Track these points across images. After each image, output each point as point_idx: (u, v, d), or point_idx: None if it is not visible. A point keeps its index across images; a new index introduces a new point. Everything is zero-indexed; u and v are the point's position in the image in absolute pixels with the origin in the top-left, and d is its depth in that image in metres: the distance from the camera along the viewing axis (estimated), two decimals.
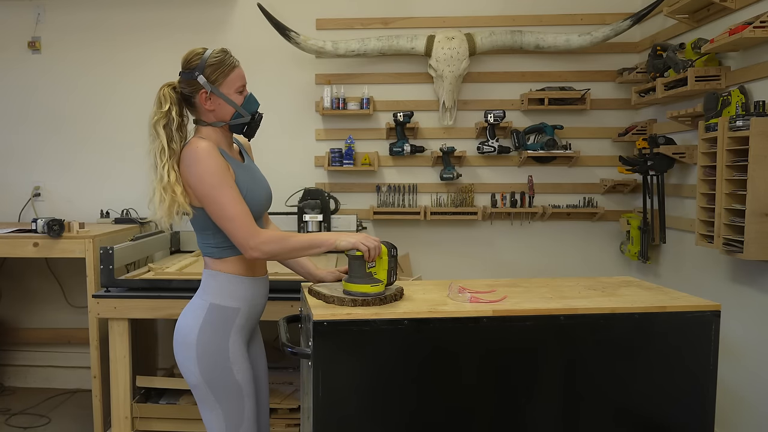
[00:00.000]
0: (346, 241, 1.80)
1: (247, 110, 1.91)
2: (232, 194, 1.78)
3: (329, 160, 3.81)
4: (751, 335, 2.72)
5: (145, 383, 3.06)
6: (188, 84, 1.87)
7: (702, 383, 1.77)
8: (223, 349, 1.86)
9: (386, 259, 1.82)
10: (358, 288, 1.79)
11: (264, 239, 1.79)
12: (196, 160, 1.78)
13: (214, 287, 1.89)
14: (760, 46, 2.63)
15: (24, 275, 4.03)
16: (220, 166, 1.79)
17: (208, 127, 1.91)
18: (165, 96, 1.88)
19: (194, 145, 1.81)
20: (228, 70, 1.86)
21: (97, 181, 3.98)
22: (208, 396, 1.86)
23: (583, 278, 2.19)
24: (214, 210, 1.79)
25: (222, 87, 1.86)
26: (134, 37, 3.93)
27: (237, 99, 1.89)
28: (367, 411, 1.70)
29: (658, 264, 3.58)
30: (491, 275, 3.76)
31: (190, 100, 1.89)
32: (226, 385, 1.86)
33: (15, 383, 4.08)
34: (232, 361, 1.86)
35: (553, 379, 1.75)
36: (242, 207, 1.79)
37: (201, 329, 1.85)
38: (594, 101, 3.80)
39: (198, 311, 1.88)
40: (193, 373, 1.86)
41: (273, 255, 1.84)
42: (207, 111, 1.88)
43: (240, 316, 1.90)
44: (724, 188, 2.58)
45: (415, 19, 3.85)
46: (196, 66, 1.85)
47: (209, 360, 1.85)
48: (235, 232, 1.78)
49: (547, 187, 3.88)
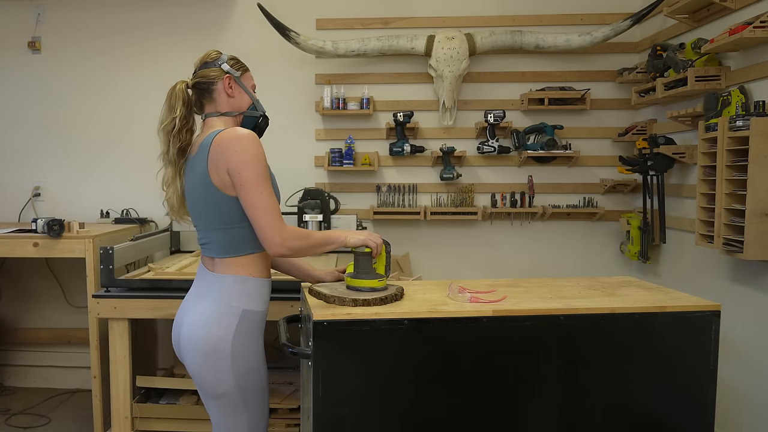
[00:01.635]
0: (356, 238, 1.86)
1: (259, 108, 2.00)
2: (270, 187, 1.78)
3: (329, 160, 3.81)
4: (751, 335, 2.72)
5: (145, 383, 3.06)
6: (210, 72, 1.91)
7: (702, 383, 1.77)
8: (256, 354, 1.87)
9: (384, 255, 1.90)
10: (366, 283, 1.84)
11: (290, 235, 1.77)
12: (244, 145, 1.76)
13: (244, 292, 1.85)
14: (760, 46, 2.63)
15: (24, 275, 4.03)
16: (264, 156, 1.79)
17: (222, 118, 1.92)
18: (178, 95, 1.89)
19: (238, 133, 1.79)
20: (244, 68, 1.98)
21: (97, 181, 3.98)
22: (238, 403, 1.84)
23: (583, 278, 2.19)
24: (252, 199, 1.75)
25: (242, 79, 1.96)
26: (134, 37, 3.93)
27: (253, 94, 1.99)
28: (367, 411, 1.71)
29: (658, 264, 3.58)
30: (491, 275, 3.77)
31: (209, 87, 1.91)
32: (256, 389, 1.87)
33: (15, 383, 4.08)
34: (261, 365, 1.89)
35: (553, 379, 1.75)
36: (275, 202, 1.80)
37: (235, 337, 1.81)
38: (594, 101, 3.80)
39: (229, 319, 1.82)
40: (225, 381, 1.81)
41: (296, 251, 1.79)
42: (227, 98, 1.92)
43: (264, 318, 1.92)
44: (724, 188, 2.58)
45: (415, 19, 3.86)
46: (219, 57, 1.94)
47: (244, 366, 1.83)
48: (266, 226, 1.75)
49: (547, 187, 3.88)
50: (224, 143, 1.78)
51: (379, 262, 1.90)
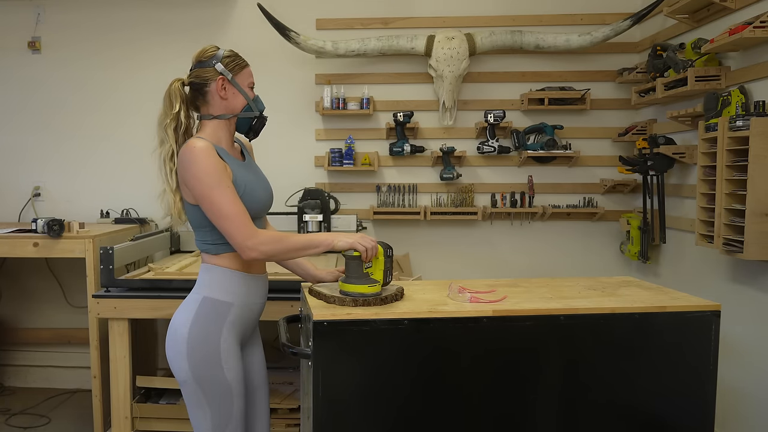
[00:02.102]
0: (344, 242, 1.81)
1: (256, 106, 1.97)
2: (229, 194, 1.78)
3: (329, 160, 3.81)
4: (751, 335, 2.72)
5: (145, 383, 3.06)
6: (204, 72, 1.89)
7: (702, 383, 1.77)
8: (214, 345, 1.84)
9: (382, 259, 1.84)
10: (354, 288, 1.79)
11: (262, 240, 1.78)
12: (193, 160, 1.78)
13: (208, 280, 1.89)
14: (760, 46, 2.63)
15: (24, 275, 4.03)
16: (216, 166, 1.79)
17: (214, 121, 1.91)
18: (175, 93, 1.89)
19: (191, 145, 1.80)
20: (242, 64, 1.94)
21: (97, 181, 3.98)
22: (197, 393, 1.85)
23: (583, 278, 2.19)
24: (211, 210, 1.78)
25: (237, 78, 1.92)
26: (134, 36, 3.93)
27: (249, 93, 1.95)
28: (367, 411, 1.70)
29: (658, 264, 3.57)
30: (491, 275, 3.76)
31: (202, 89, 1.90)
32: (215, 383, 1.84)
33: (15, 383, 4.08)
34: (223, 358, 1.84)
35: (553, 379, 1.75)
36: (239, 207, 1.79)
37: (193, 323, 1.84)
38: (594, 101, 3.80)
39: (191, 305, 1.88)
40: (182, 368, 1.84)
41: (270, 255, 1.83)
42: (220, 100, 1.90)
43: (232, 311, 1.88)
44: (724, 188, 2.58)
45: (415, 19, 3.86)
46: (213, 56, 1.90)
47: (199, 355, 1.83)
48: (232, 232, 1.78)
49: (547, 187, 3.88)
50: (180, 159, 1.82)
51: (375, 266, 1.84)
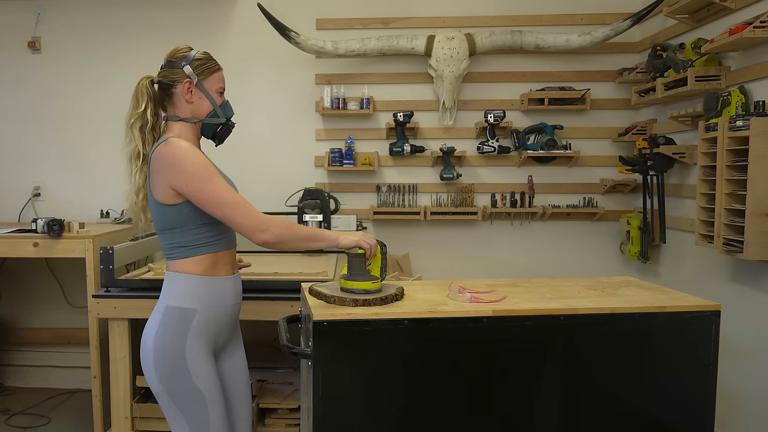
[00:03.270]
0: (349, 239, 1.82)
1: (223, 113, 1.93)
2: (225, 184, 1.78)
3: (329, 160, 3.81)
4: (751, 335, 2.72)
5: (145, 383, 3.06)
6: (171, 73, 1.88)
7: (702, 383, 1.77)
8: (179, 354, 1.80)
9: (380, 256, 1.87)
10: (360, 285, 1.81)
11: (274, 222, 1.77)
12: (182, 159, 1.76)
13: (170, 289, 1.86)
14: (760, 46, 2.63)
15: (24, 275, 4.03)
16: (206, 160, 1.80)
17: (180, 123, 1.90)
18: (142, 91, 1.89)
19: (175, 145, 1.79)
20: (213, 68, 1.91)
21: (97, 181, 3.97)
22: (171, 405, 1.81)
23: (583, 278, 2.19)
24: (212, 202, 1.76)
25: (204, 83, 1.89)
26: (134, 36, 3.93)
27: (217, 98, 1.92)
28: (367, 411, 1.70)
29: (658, 264, 3.57)
30: (491, 275, 3.76)
31: (168, 90, 1.88)
32: (186, 393, 1.80)
33: (15, 383, 4.07)
34: (190, 367, 1.80)
35: (553, 379, 1.74)
36: (239, 194, 1.79)
37: (157, 334, 1.82)
38: (594, 101, 3.80)
39: (156, 315, 1.85)
40: (152, 380, 1.82)
41: (281, 239, 1.79)
42: (185, 104, 1.88)
43: (197, 318, 1.84)
44: (724, 188, 2.58)
45: (415, 19, 3.86)
46: (184, 57, 1.89)
47: (166, 366, 1.80)
48: (240, 219, 1.75)
49: (547, 187, 3.88)
50: (163, 163, 1.78)
51: (374, 263, 1.87)
